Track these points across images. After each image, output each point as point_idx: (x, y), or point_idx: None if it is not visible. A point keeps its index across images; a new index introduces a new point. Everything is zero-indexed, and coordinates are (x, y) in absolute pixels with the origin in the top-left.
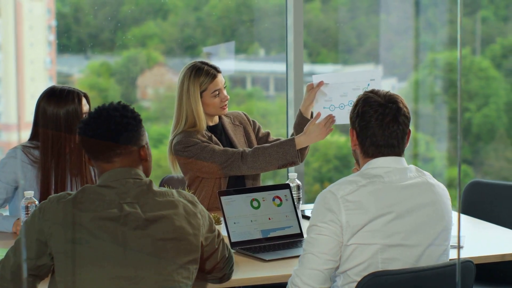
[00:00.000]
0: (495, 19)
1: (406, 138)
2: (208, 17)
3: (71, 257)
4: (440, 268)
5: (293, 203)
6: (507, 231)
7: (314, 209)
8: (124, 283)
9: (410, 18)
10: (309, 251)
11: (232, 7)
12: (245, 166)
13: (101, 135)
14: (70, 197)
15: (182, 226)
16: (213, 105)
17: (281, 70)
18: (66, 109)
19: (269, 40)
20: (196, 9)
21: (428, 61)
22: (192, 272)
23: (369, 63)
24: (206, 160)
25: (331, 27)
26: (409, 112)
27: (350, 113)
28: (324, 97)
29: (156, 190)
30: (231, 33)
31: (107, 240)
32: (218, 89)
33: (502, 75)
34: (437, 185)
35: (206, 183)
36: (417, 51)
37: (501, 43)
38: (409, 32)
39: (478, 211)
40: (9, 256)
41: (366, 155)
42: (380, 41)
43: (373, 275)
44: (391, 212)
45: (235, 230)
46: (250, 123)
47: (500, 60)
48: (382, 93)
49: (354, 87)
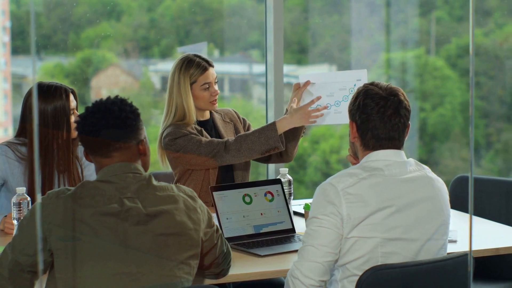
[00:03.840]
0: (449, 19)
1: (406, 131)
2: (162, 18)
3: (71, 253)
4: (440, 261)
5: (285, 198)
6: (497, 225)
7: (314, 202)
8: (125, 279)
9: (364, 18)
10: (309, 243)
11: (186, 7)
12: (229, 155)
13: (100, 129)
14: (69, 192)
15: (183, 221)
16: (202, 98)
17: (236, 71)
18: (53, 105)
19: (223, 41)
20: (150, 10)
21: (382, 61)
22: (193, 268)
23: (324, 63)
24: (193, 152)
25: (286, 28)
26: (409, 105)
27: (350, 105)
28: (310, 96)
29: (156, 185)
30: (185, 34)
31: (108, 235)
32: (208, 82)
33: (457, 75)
34: (436, 180)
35: (195, 176)
36: (371, 51)
37: (456, 43)
38: (363, 33)
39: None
40: (7, 253)
41: (366, 148)
42: (334, 42)
43: (374, 269)
44: (391, 206)
45: (227, 225)
46: (240, 121)
47: (455, 60)
48: (383, 85)
49: (341, 87)
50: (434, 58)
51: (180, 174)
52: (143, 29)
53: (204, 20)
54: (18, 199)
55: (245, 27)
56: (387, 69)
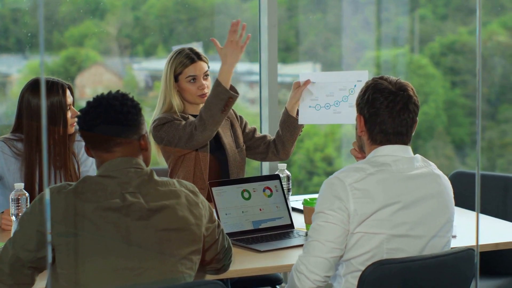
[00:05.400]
0: (433, 17)
1: (414, 126)
2: (146, 16)
3: (73, 248)
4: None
5: (283, 194)
6: (495, 220)
7: (321, 196)
8: (127, 274)
9: (347, 16)
10: (315, 239)
11: (170, 6)
12: (198, 131)
13: (101, 124)
14: (70, 187)
15: (185, 216)
16: (188, 91)
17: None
18: (50, 101)
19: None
20: (134, 8)
21: (366, 59)
22: (195, 263)
23: (308, 62)
24: (174, 138)
25: None
26: (418, 101)
27: (358, 99)
28: (310, 96)
29: (158, 180)
30: (170, 32)
31: (110, 231)
32: (193, 76)
33: (441, 73)
34: (442, 176)
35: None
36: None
37: (440, 41)
38: (346, 31)
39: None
40: (7, 249)
41: (373, 142)
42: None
43: (378, 263)
44: (398, 202)
45: (226, 221)
46: (237, 118)
47: (439, 58)
48: (392, 80)
49: (341, 87)
50: (418, 57)
51: (173, 163)
52: (127, 27)
53: (188, 18)
54: (16, 195)
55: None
56: (371, 67)
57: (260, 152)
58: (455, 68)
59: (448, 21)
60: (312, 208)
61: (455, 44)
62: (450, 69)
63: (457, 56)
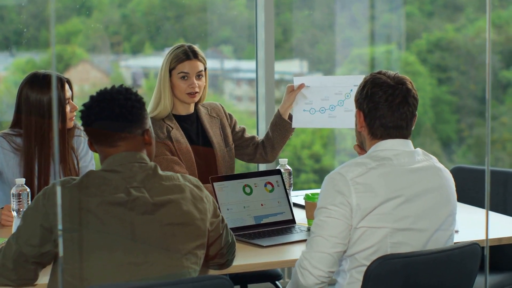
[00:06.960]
0: (420, 14)
1: (414, 119)
2: (133, 14)
3: (78, 243)
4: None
5: (285, 189)
6: (497, 215)
7: (323, 192)
8: (132, 269)
9: (334, 13)
10: (318, 234)
11: (157, 3)
12: None
13: (105, 119)
14: (75, 182)
15: (190, 210)
16: (178, 87)
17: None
18: (49, 96)
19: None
20: (121, 5)
21: (352, 56)
22: (200, 258)
23: (295, 58)
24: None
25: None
26: (417, 94)
27: (356, 94)
28: (304, 99)
29: (162, 174)
30: (156, 30)
31: (115, 225)
32: (185, 72)
33: (428, 70)
34: (444, 170)
35: None
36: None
37: (427, 39)
38: (333, 28)
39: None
40: (11, 244)
41: (374, 137)
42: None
43: (383, 258)
44: (401, 196)
45: (228, 216)
46: (227, 116)
47: (426, 55)
48: (391, 74)
49: (337, 91)
50: (405, 54)
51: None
52: (114, 25)
53: (175, 16)
54: (17, 190)
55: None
56: (359, 65)
57: (247, 153)
58: (442, 65)
59: (434, 18)
60: (313, 203)
61: (442, 41)
62: (437, 66)
63: (443, 53)
